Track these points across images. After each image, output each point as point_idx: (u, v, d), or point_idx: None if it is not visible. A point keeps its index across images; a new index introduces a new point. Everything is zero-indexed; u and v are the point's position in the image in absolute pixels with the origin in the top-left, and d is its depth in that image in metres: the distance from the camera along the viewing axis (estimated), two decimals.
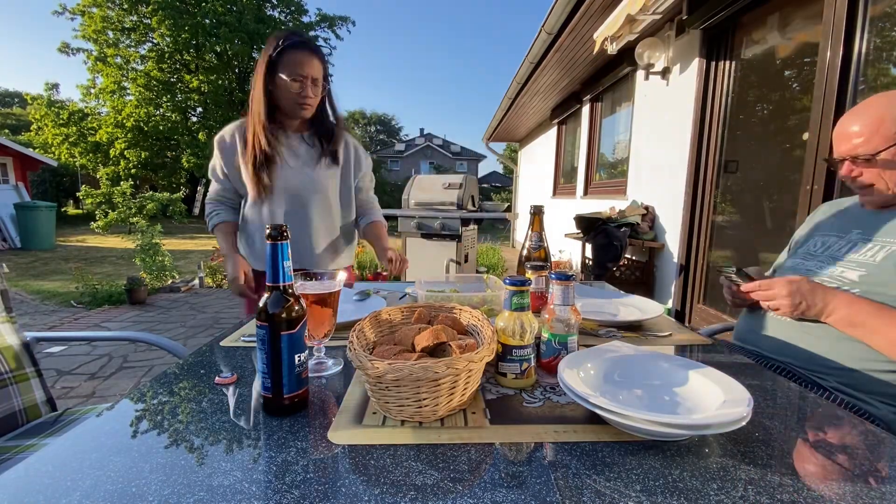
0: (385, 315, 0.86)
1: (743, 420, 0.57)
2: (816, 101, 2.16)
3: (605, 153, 5.25)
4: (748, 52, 2.84)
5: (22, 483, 0.51)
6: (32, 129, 16.39)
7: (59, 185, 17.35)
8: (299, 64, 1.34)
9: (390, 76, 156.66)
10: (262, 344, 0.65)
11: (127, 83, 15.82)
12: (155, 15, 14.69)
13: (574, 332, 0.81)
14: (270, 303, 0.65)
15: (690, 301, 3.29)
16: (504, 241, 10.86)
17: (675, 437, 0.59)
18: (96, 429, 0.63)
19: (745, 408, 0.59)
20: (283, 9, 18.39)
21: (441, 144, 43.08)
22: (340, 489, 0.50)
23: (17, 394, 1.11)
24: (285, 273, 0.67)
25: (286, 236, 0.66)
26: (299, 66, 1.34)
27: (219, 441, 0.60)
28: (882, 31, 1.96)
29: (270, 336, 0.64)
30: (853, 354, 0.94)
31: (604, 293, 1.40)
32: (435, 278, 1.41)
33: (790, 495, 0.50)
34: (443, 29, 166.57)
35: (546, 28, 3.85)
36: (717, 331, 1.39)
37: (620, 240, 3.39)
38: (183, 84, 16.51)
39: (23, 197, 10.48)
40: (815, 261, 1.10)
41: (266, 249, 0.66)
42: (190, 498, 0.48)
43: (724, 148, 3.02)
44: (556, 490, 0.50)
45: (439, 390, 0.63)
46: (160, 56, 15.81)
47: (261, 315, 0.65)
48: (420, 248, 3.67)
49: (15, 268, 6.95)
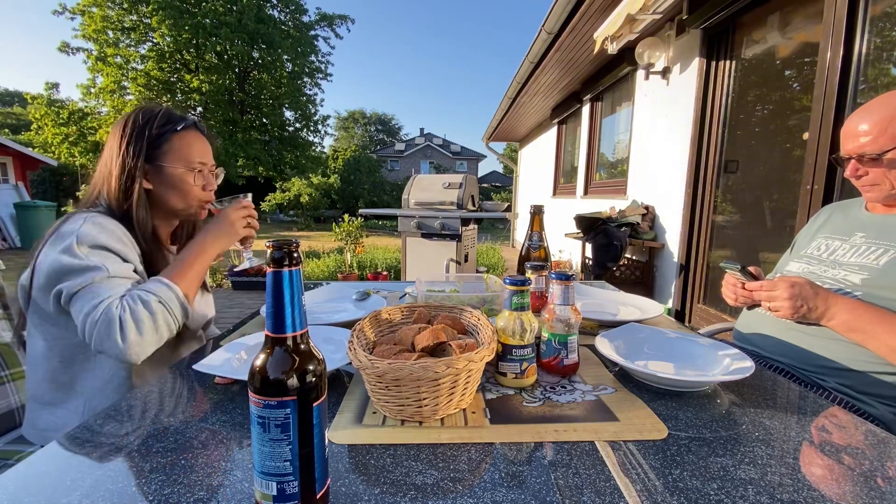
0: (385, 315, 0.86)
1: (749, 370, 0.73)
2: (816, 101, 2.16)
3: (606, 153, 5.24)
4: (748, 52, 2.84)
5: (22, 483, 0.51)
6: (32, 129, 16.38)
7: (58, 185, 17.33)
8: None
9: (390, 75, 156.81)
10: (284, 431, 0.42)
11: (127, 83, 15.81)
12: (155, 14, 14.69)
13: (574, 332, 0.81)
14: (284, 364, 0.43)
15: (690, 301, 3.29)
16: (504, 241, 10.86)
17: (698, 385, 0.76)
18: (96, 428, 0.63)
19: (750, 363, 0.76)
20: (283, 8, 18.40)
21: (441, 144, 43.06)
22: (340, 489, 0.50)
23: (14, 392, 1.11)
24: (298, 315, 0.43)
25: (297, 260, 0.43)
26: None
27: (219, 441, 0.60)
28: (882, 31, 1.95)
29: (299, 416, 0.43)
30: (853, 356, 0.94)
31: (604, 293, 1.40)
32: (435, 278, 1.41)
33: (790, 495, 0.50)
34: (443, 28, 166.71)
35: (546, 28, 3.85)
36: (717, 331, 1.39)
37: (620, 240, 3.39)
38: (183, 84, 16.51)
39: (22, 196, 10.47)
40: (818, 263, 1.10)
41: (267, 281, 0.42)
42: (190, 498, 0.48)
43: (724, 148, 3.02)
44: (556, 490, 0.50)
45: (439, 390, 0.63)
46: (160, 56, 15.80)
47: (273, 388, 0.42)
48: (420, 247, 3.67)
49: (15, 267, 6.94)
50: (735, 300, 1.10)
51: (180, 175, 1.02)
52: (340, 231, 5.98)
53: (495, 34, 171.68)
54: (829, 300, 0.94)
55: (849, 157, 1.01)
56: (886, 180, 0.97)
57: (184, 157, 1.02)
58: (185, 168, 1.02)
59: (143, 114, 1.01)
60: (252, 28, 15.88)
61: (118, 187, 0.98)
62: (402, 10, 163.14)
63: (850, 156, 1.01)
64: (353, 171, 22.31)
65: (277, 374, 0.42)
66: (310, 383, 0.43)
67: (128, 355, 0.83)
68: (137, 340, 0.83)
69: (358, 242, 6.13)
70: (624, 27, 3.04)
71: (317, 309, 1.22)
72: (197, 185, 1.05)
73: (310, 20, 19.10)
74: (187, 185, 1.03)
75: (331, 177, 20.38)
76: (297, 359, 0.43)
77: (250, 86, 18.16)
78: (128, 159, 0.97)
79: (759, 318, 1.15)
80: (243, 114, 17.99)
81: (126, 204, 0.98)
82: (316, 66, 19.49)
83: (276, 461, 0.43)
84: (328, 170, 21.63)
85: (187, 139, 1.03)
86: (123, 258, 0.93)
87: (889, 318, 0.89)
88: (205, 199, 1.08)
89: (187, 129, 1.04)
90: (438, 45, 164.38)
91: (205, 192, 1.07)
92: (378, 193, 22.52)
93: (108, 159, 0.99)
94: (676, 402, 0.72)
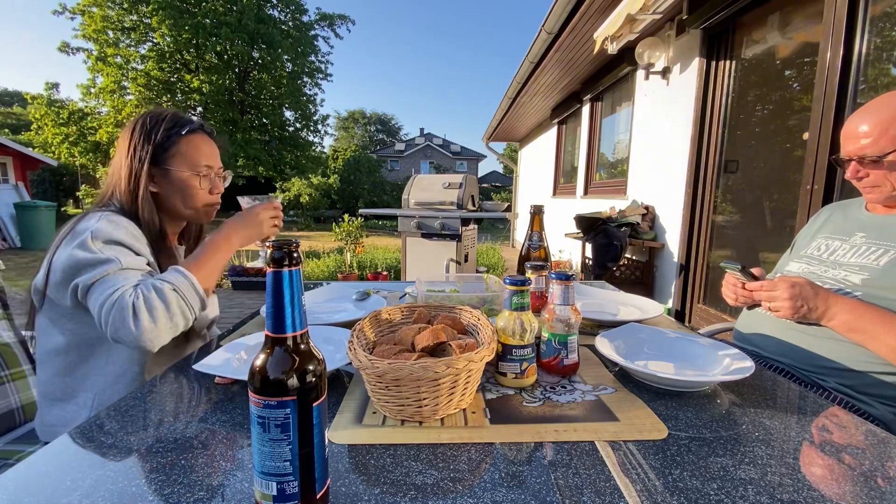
0: (385, 315, 0.86)
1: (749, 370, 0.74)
2: (816, 101, 2.16)
3: (606, 153, 5.25)
4: (748, 52, 2.84)
5: (22, 483, 0.51)
6: (32, 129, 16.40)
7: (59, 185, 17.37)
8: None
9: (390, 76, 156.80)
10: (284, 431, 0.42)
11: (127, 83, 15.83)
12: (155, 14, 14.71)
13: (574, 332, 0.81)
14: (284, 364, 0.43)
15: (690, 301, 3.29)
16: (504, 241, 10.86)
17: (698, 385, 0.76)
18: (96, 428, 0.63)
19: (750, 363, 0.76)
20: (284, 8, 18.42)
21: (441, 144, 43.06)
22: (340, 489, 0.50)
23: (15, 392, 1.11)
24: (298, 315, 0.43)
25: (297, 260, 0.43)
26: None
27: (219, 441, 0.60)
28: (882, 31, 1.95)
29: (299, 416, 0.43)
30: (853, 356, 0.94)
31: (604, 293, 1.40)
32: (435, 278, 1.41)
33: (790, 495, 0.50)
34: (443, 28, 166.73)
35: (546, 28, 3.85)
36: (717, 331, 1.39)
37: (620, 240, 3.39)
38: (183, 84, 16.52)
39: (22, 196, 10.46)
40: (818, 263, 1.10)
41: (267, 281, 0.43)
42: (190, 498, 0.48)
43: (724, 148, 3.02)
44: (556, 490, 0.50)
45: (439, 390, 0.63)
46: (160, 56, 15.82)
47: (274, 387, 0.42)
48: (420, 247, 3.67)
49: (15, 267, 6.94)
50: (735, 300, 1.10)
51: (186, 178, 1.03)
52: (340, 231, 5.98)
53: (495, 34, 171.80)
54: (830, 300, 0.94)
55: (849, 158, 1.01)
56: (887, 182, 0.97)
57: (190, 161, 1.03)
58: (190, 172, 1.03)
59: (151, 118, 1.03)
60: (252, 28, 15.90)
61: (126, 189, 1.00)
62: (402, 10, 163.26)
63: (850, 157, 1.01)
64: (353, 171, 22.31)
65: (277, 374, 0.42)
66: (310, 383, 0.43)
67: (142, 342, 0.83)
68: (151, 327, 0.83)
69: (358, 242, 6.13)
70: (624, 27, 3.04)
71: (317, 309, 1.22)
72: (203, 189, 1.06)
73: (310, 20, 19.12)
74: (193, 189, 1.04)
75: (331, 177, 20.39)
76: (297, 359, 0.43)
77: (250, 86, 18.17)
78: (134, 162, 0.99)
79: (759, 319, 1.15)
80: (243, 114, 18.00)
81: (135, 205, 1.00)
82: (316, 66, 19.51)
83: (276, 461, 0.43)
84: (328, 170, 21.64)
85: (194, 143, 1.04)
86: (136, 252, 0.94)
87: (889, 318, 0.89)
88: (210, 202, 1.09)
89: (194, 132, 1.05)
90: (438, 45, 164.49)
91: (211, 196, 1.09)
92: (378, 193, 22.52)
93: (117, 162, 1.02)
94: (676, 402, 0.72)
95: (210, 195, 1.08)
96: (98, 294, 0.85)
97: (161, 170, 1.02)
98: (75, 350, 0.95)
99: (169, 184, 1.03)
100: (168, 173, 1.02)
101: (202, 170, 1.05)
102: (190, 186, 1.04)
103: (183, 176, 1.03)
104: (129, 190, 1.00)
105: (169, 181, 1.03)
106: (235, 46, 15.97)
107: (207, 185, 1.07)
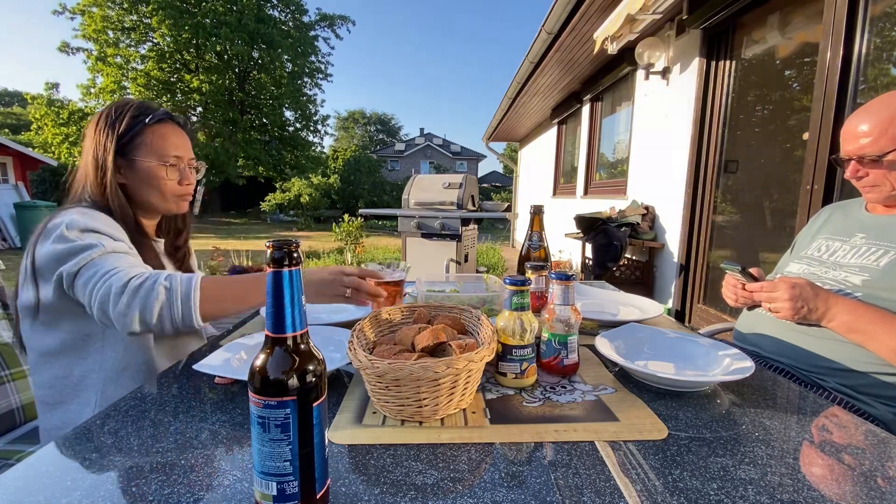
0: (385, 315, 0.86)
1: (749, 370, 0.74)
2: (816, 101, 2.16)
3: (606, 153, 5.25)
4: (748, 52, 2.84)
5: (22, 483, 0.51)
6: (32, 129, 16.41)
7: (58, 185, 17.33)
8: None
9: (390, 76, 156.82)
10: (284, 431, 0.42)
11: (127, 83, 15.84)
12: (155, 14, 14.72)
13: (574, 332, 0.81)
14: (284, 364, 0.43)
15: (690, 301, 3.29)
16: (504, 241, 10.86)
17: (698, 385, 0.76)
18: (96, 428, 0.63)
19: (750, 363, 0.77)
20: (284, 8, 18.42)
21: (441, 144, 43.06)
22: (340, 489, 0.50)
23: (15, 391, 1.11)
24: (298, 315, 0.44)
25: (297, 260, 0.43)
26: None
27: (219, 441, 0.60)
28: (882, 31, 1.96)
29: (299, 416, 0.43)
30: (853, 356, 0.94)
31: (604, 293, 1.40)
32: (435, 278, 1.41)
33: (790, 495, 0.50)
34: (443, 28, 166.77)
35: (546, 28, 3.85)
36: (717, 331, 1.39)
37: (620, 240, 3.39)
38: (183, 84, 16.53)
39: (22, 196, 10.47)
40: (818, 264, 1.10)
41: (267, 281, 0.42)
42: (190, 498, 0.48)
43: (724, 148, 3.03)
44: (556, 490, 0.50)
45: (439, 390, 0.63)
46: (160, 56, 15.83)
47: (274, 387, 0.42)
48: (420, 247, 3.67)
49: (14, 267, 6.93)
50: (735, 301, 1.10)
51: (153, 169, 1.00)
52: (340, 231, 5.98)
53: (495, 34, 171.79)
54: (830, 301, 0.94)
55: (849, 158, 1.01)
56: (887, 182, 0.97)
57: (156, 151, 1.00)
58: (157, 162, 1.00)
59: (116, 108, 1.00)
60: (252, 28, 15.91)
61: (95, 181, 0.97)
62: (402, 10, 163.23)
63: (850, 157, 1.01)
64: (353, 171, 22.30)
65: (277, 374, 0.42)
66: (310, 383, 0.43)
67: (122, 325, 0.80)
68: (125, 311, 0.79)
69: (358, 242, 6.13)
70: (624, 27, 3.04)
71: (317, 309, 1.22)
72: (171, 180, 1.02)
73: (310, 20, 19.14)
74: (160, 180, 1.01)
75: (331, 177, 20.37)
76: (297, 359, 0.43)
77: (250, 86, 18.17)
78: (99, 153, 0.96)
79: (759, 319, 1.15)
80: (243, 114, 18.01)
81: (104, 197, 0.97)
82: (316, 66, 19.53)
83: (276, 461, 0.42)
84: (328, 170, 21.63)
85: (160, 132, 1.01)
86: (115, 239, 0.91)
87: (890, 319, 0.89)
88: (180, 193, 1.05)
89: (160, 121, 1.02)
90: (439, 45, 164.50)
91: (180, 187, 1.05)
92: (378, 193, 22.50)
93: (85, 154, 0.99)
94: (676, 402, 0.72)
95: (179, 186, 1.04)
96: (86, 280, 0.82)
97: (127, 160, 0.98)
98: (71, 350, 0.93)
99: (135, 175, 1.00)
100: (134, 163, 0.99)
101: (170, 160, 1.01)
102: (157, 177, 1.00)
103: (149, 166, 0.99)
104: (97, 182, 0.97)
105: (135, 172, 0.99)
106: (235, 46, 15.98)
107: (176, 175, 1.03)
